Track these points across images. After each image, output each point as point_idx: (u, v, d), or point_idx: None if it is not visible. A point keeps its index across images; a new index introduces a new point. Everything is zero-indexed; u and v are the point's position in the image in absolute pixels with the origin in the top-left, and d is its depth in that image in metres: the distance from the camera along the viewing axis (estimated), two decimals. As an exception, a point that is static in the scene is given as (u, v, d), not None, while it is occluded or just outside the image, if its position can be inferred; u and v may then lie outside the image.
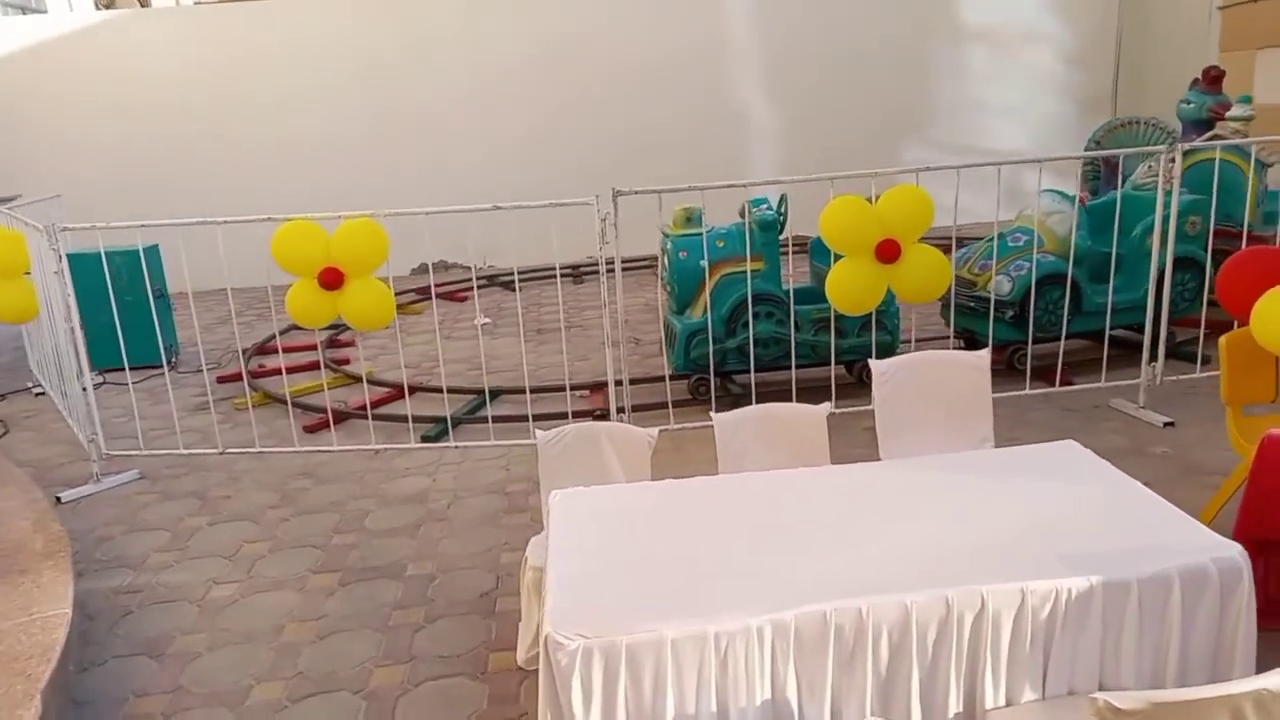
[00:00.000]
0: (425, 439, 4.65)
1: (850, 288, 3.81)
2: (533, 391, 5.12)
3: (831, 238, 3.80)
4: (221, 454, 4.38)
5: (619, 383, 4.53)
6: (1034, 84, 10.03)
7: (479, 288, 8.43)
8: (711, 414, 2.89)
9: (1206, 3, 8.71)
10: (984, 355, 2.91)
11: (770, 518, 2.31)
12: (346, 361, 6.22)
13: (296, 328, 5.23)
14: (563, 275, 8.68)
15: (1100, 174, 7.28)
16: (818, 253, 5.05)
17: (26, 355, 6.28)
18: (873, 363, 2.95)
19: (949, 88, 9.92)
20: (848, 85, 9.60)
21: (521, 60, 9.29)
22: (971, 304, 4.83)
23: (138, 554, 3.64)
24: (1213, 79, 6.27)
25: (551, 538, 2.31)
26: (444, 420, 4.79)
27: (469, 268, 9.49)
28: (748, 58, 9.62)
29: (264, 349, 6.75)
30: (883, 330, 4.69)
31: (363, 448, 4.44)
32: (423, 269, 9.37)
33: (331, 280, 3.77)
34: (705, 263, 4.66)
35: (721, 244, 4.68)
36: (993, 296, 4.64)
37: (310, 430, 4.94)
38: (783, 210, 4.83)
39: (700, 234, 4.68)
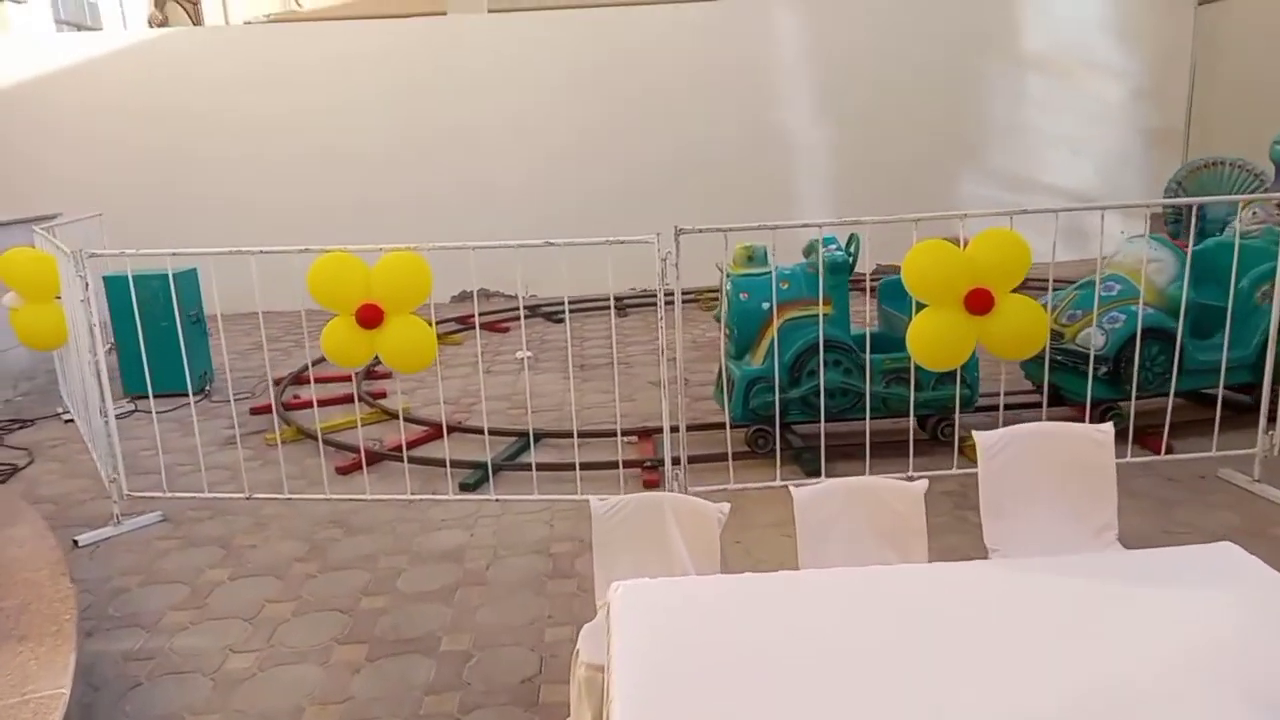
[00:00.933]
0: (464, 487, 4.34)
1: (936, 341, 3.46)
2: (579, 436, 4.81)
3: (916, 285, 3.45)
4: (248, 499, 4.11)
5: (674, 429, 4.21)
6: (1098, 115, 9.62)
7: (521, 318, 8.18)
8: (790, 488, 2.54)
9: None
10: (1107, 430, 2.54)
11: (866, 631, 1.95)
12: (383, 395, 5.96)
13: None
14: (607, 308, 8.45)
15: (1180, 219, 6.84)
16: (888, 296, 4.71)
17: (59, 379, 6.10)
18: (979, 435, 2.59)
19: (1007, 115, 9.56)
20: (900, 108, 9.28)
21: (562, 81, 9.08)
22: (1058, 358, 4.44)
23: (153, 611, 3.36)
24: (1314, 118, 5.82)
25: (614, 643, 1.97)
26: (484, 466, 4.49)
27: (511, 296, 9.28)
28: (797, 78, 9.34)
29: (299, 379, 6.53)
30: (962, 384, 4.31)
31: (397, 498, 4.14)
32: (463, 297, 9.14)
33: (370, 318, 3.49)
34: (769, 305, 4.33)
35: (786, 285, 4.35)
36: (1090, 350, 4.22)
37: (343, 471, 4.66)
38: (853, 250, 4.49)
39: (764, 274, 4.36)
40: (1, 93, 8.91)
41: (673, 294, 3.68)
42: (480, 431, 5.00)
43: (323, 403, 5.47)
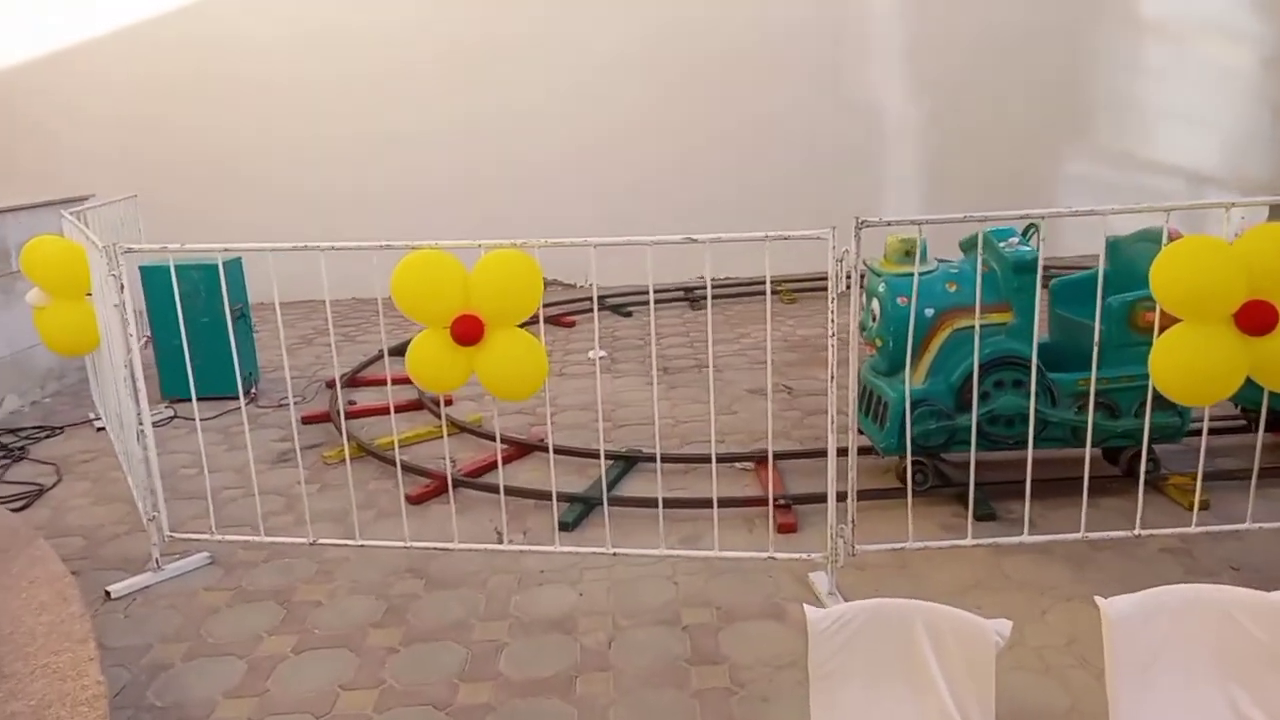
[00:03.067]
0: (564, 527, 3.65)
1: (1196, 368, 2.68)
2: (681, 460, 4.13)
3: (1172, 294, 2.68)
4: (312, 544, 3.43)
5: (842, 453, 3.49)
6: (1222, 86, 8.67)
7: (585, 311, 7.47)
8: (1099, 602, 1.80)
9: None
10: None
11: None
12: (449, 402, 5.27)
13: (393, 352, 4.29)
14: (676, 300, 7.70)
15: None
16: (1063, 299, 3.93)
17: (90, 380, 5.48)
18: None
19: (1118, 84, 8.62)
20: (997, 75, 8.41)
21: (622, 50, 8.29)
22: (1284, 377, 3.65)
23: (202, 700, 2.70)
24: None
25: None
26: (583, 500, 3.80)
27: (570, 285, 8.57)
28: (882, 41, 8.47)
29: (355, 380, 5.86)
30: (1169, 410, 3.54)
31: (490, 548, 3.43)
32: None
33: (468, 332, 2.79)
34: (933, 312, 3.58)
35: (954, 288, 3.59)
36: None
37: (416, 501, 3.98)
38: (1032, 242, 3.71)
39: (927, 273, 3.60)
40: (28, 64, 8.28)
41: (846, 297, 2.92)
42: (568, 452, 4.34)
43: (383, 410, 4.81)
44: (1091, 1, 8.47)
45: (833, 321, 2.90)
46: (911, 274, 3.62)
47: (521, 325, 2.93)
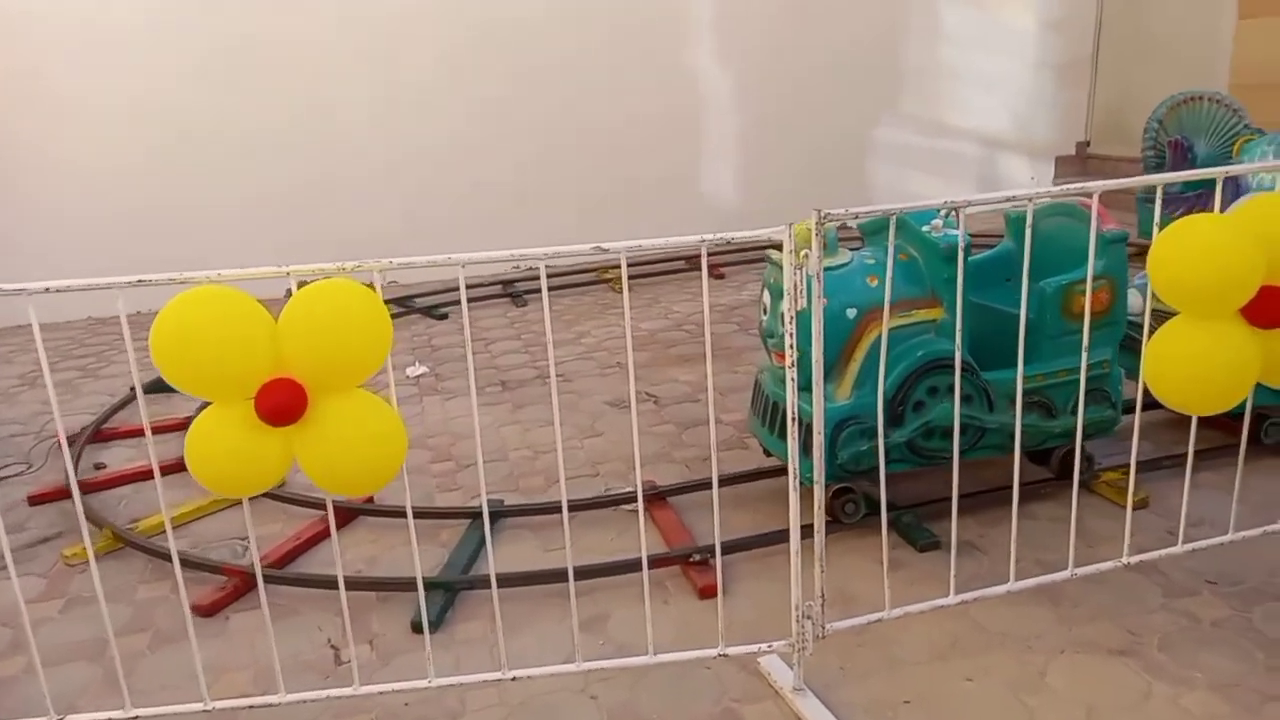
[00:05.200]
0: (415, 629, 2.77)
1: (1201, 369, 2.25)
2: (555, 508, 3.35)
3: (1172, 284, 2.23)
4: (56, 723, 2.34)
5: (681, 487, 2.85)
6: (1009, 49, 8.88)
7: (395, 316, 6.44)
8: None
9: (1217, -37, 7.74)
10: None
11: None
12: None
13: (150, 389, 3.15)
14: (496, 297, 6.82)
15: (1164, 160, 6.10)
16: (973, 284, 3.50)
17: None
18: None
19: (921, 52, 8.61)
20: (806, 42, 8.10)
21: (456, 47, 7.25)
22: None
23: None
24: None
25: None
26: (441, 586, 2.93)
27: (368, 286, 7.45)
28: (690, 9, 7.93)
29: (102, 434, 4.54)
30: (1103, 403, 3.20)
31: (333, 694, 2.47)
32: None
33: (284, 405, 1.86)
34: (856, 312, 3.01)
35: (875, 282, 3.04)
36: None
37: (208, 611, 2.95)
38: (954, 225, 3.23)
39: (844, 267, 3.02)
40: None
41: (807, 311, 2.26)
42: (394, 513, 3.43)
43: (146, 475, 3.69)
44: (889, -35, 8.36)
45: (793, 348, 2.21)
46: (828, 269, 3.03)
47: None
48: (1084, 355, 2.52)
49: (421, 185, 7.37)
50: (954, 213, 3.39)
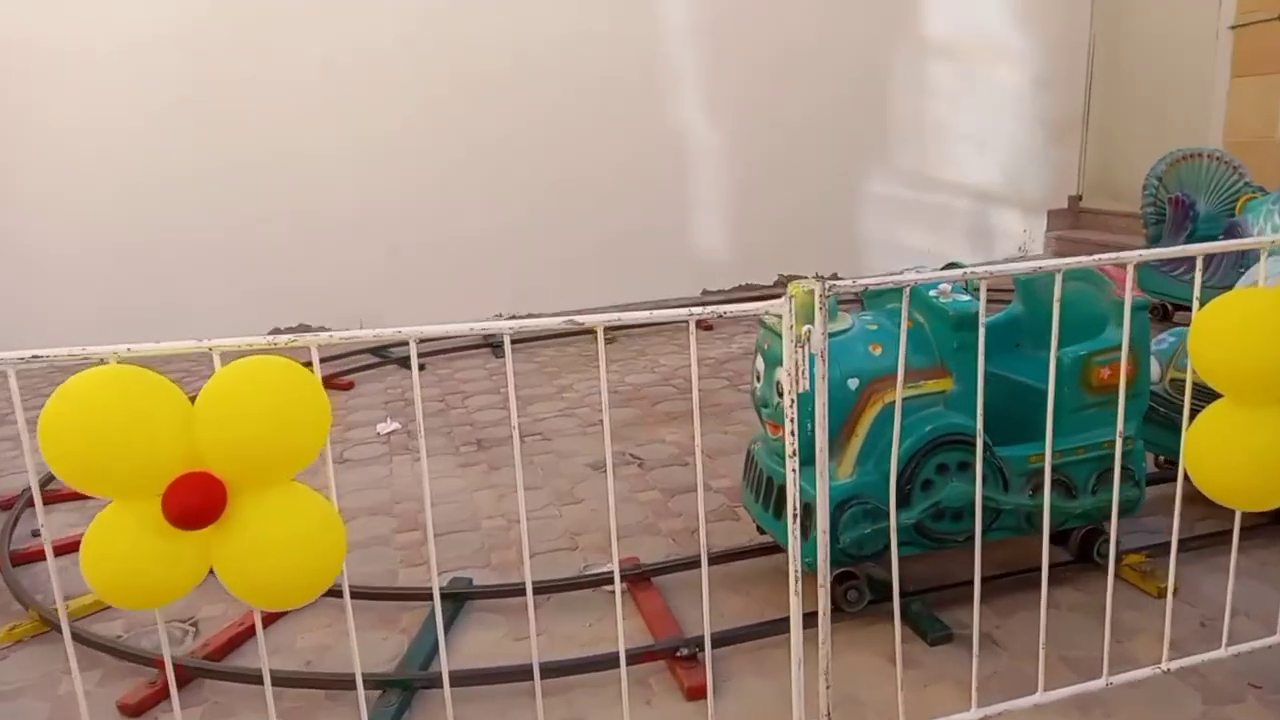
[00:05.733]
0: (373, 734, 2.46)
1: (1254, 460, 2.00)
2: (524, 591, 3.07)
3: (1218, 367, 1.99)
4: None
5: (670, 565, 2.56)
6: (1001, 106, 8.79)
7: (370, 367, 6.16)
8: None
9: (1210, 22, 7.68)
10: None
11: None
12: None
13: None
14: (476, 347, 6.55)
15: (1165, 218, 5.94)
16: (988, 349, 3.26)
17: None
18: None
19: (910, 105, 8.50)
20: (795, 97, 7.96)
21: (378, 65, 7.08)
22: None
23: None
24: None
25: None
26: (398, 685, 2.62)
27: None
28: (678, 62, 7.78)
29: (46, 496, 4.21)
30: (1127, 481, 2.94)
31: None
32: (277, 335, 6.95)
33: (199, 505, 1.58)
34: (857, 383, 2.76)
35: (879, 350, 2.79)
36: None
37: (135, 711, 2.62)
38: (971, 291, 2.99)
39: (840, 333, 2.78)
40: None
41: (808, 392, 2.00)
42: (366, 594, 3.13)
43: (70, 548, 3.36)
44: (884, 22, 8.26)
45: (793, 435, 1.95)
46: (829, 335, 2.78)
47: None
48: (1119, 427, 2.28)
49: (402, 233, 7.15)
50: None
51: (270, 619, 3.02)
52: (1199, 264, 2.21)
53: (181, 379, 1.66)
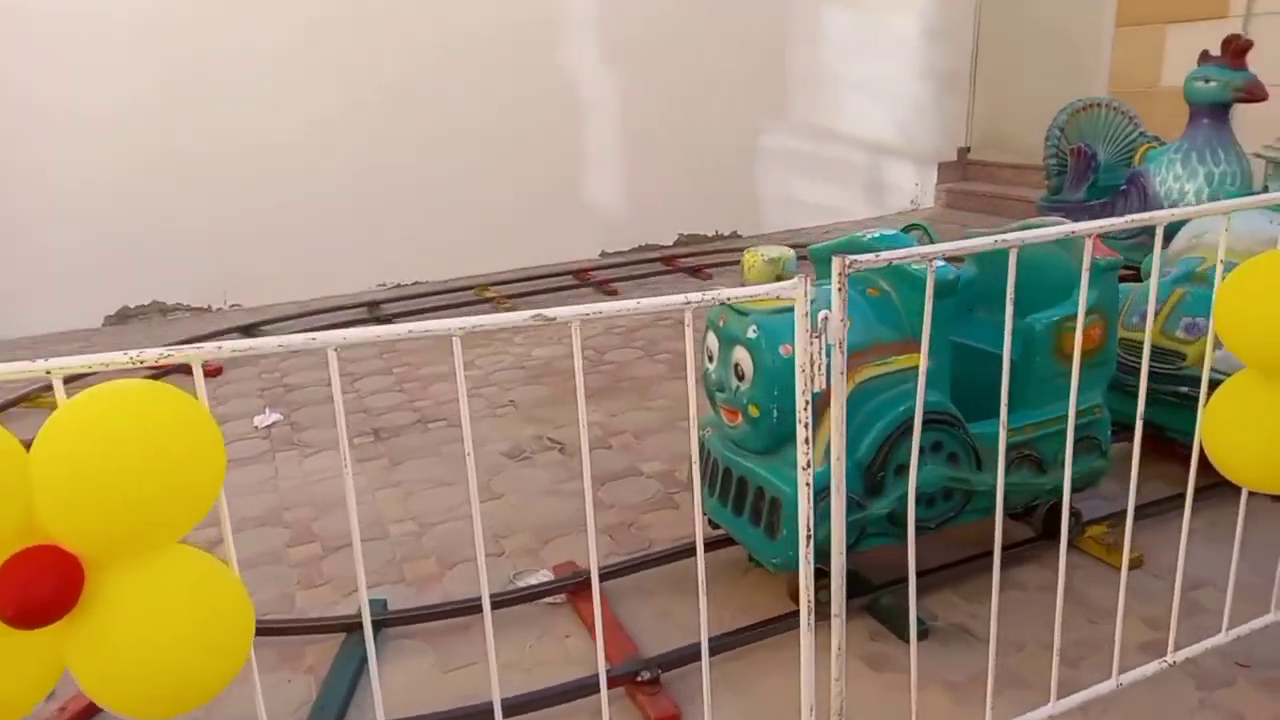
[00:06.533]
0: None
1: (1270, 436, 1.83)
2: (453, 610, 2.70)
3: (1243, 337, 1.80)
4: None
5: (614, 569, 2.26)
6: (893, 56, 8.69)
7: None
8: None
9: (1092, -30, 7.76)
10: None
11: None
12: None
13: None
14: (359, 321, 5.98)
15: (1067, 168, 5.95)
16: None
17: None
18: None
19: (806, 58, 8.29)
20: (692, 49, 7.60)
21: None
22: (1181, 389, 3.07)
23: None
24: (1237, 51, 5.05)
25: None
26: (316, 742, 2.21)
27: (204, 309, 6.47)
28: (570, 14, 7.29)
29: None
30: (1093, 452, 2.80)
31: None
32: (125, 317, 6.24)
33: (37, 598, 1.13)
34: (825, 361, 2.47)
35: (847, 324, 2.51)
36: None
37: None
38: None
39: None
40: None
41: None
42: (264, 628, 2.68)
43: None
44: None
45: (808, 443, 1.65)
46: (788, 309, 2.49)
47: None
48: (1072, 399, 2.07)
49: (261, 193, 6.43)
50: (920, 231, 2.94)
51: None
52: (1159, 234, 2.02)
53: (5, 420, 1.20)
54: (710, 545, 2.95)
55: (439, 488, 3.65)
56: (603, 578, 2.84)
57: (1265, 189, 3.89)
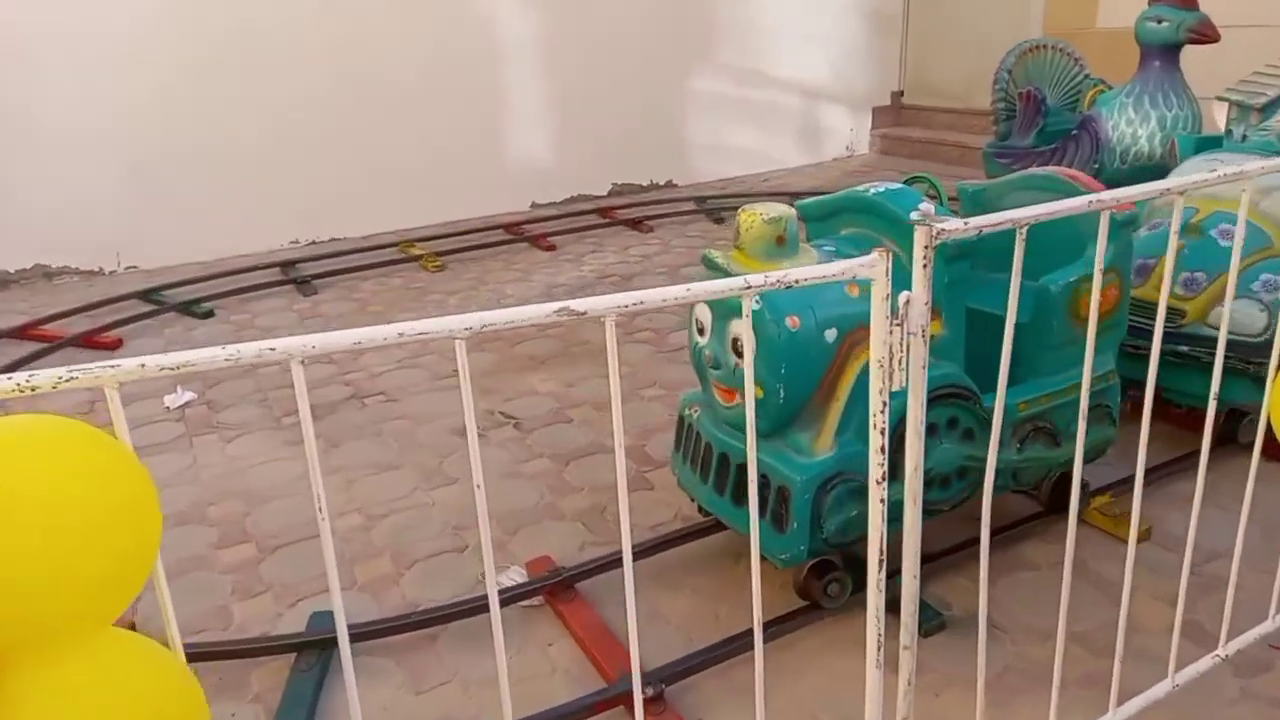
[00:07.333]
0: None
1: None
2: (420, 621, 2.40)
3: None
4: None
5: (596, 566, 2.02)
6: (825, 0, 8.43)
7: (144, 316, 4.97)
8: None
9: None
10: None
11: None
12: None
13: None
14: (276, 283, 5.46)
15: (1015, 113, 5.80)
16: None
17: None
18: None
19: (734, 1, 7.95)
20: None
21: None
22: (1180, 348, 2.93)
23: None
24: (1190, -10, 4.94)
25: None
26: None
27: (95, 272, 5.83)
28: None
29: None
30: (1104, 420, 2.63)
31: None
32: (2, 284, 5.61)
33: None
34: (835, 334, 2.22)
35: (858, 293, 2.26)
36: (1221, 335, 2.77)
37: None
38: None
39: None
40: None
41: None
42: (199, 653, 2.32)
43: None
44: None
45: (882, 451, 1.38)
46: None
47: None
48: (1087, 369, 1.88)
49: (150, 145, 5.79)
50: (925, 183, 2.70)
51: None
52: (1178, 203, 1.82)
53: None
54: (695, 533, 2.71)
55: (384, 472, 3.29)
56: (583, 576, 2.58)
57: (1229, 134, 3.77)
